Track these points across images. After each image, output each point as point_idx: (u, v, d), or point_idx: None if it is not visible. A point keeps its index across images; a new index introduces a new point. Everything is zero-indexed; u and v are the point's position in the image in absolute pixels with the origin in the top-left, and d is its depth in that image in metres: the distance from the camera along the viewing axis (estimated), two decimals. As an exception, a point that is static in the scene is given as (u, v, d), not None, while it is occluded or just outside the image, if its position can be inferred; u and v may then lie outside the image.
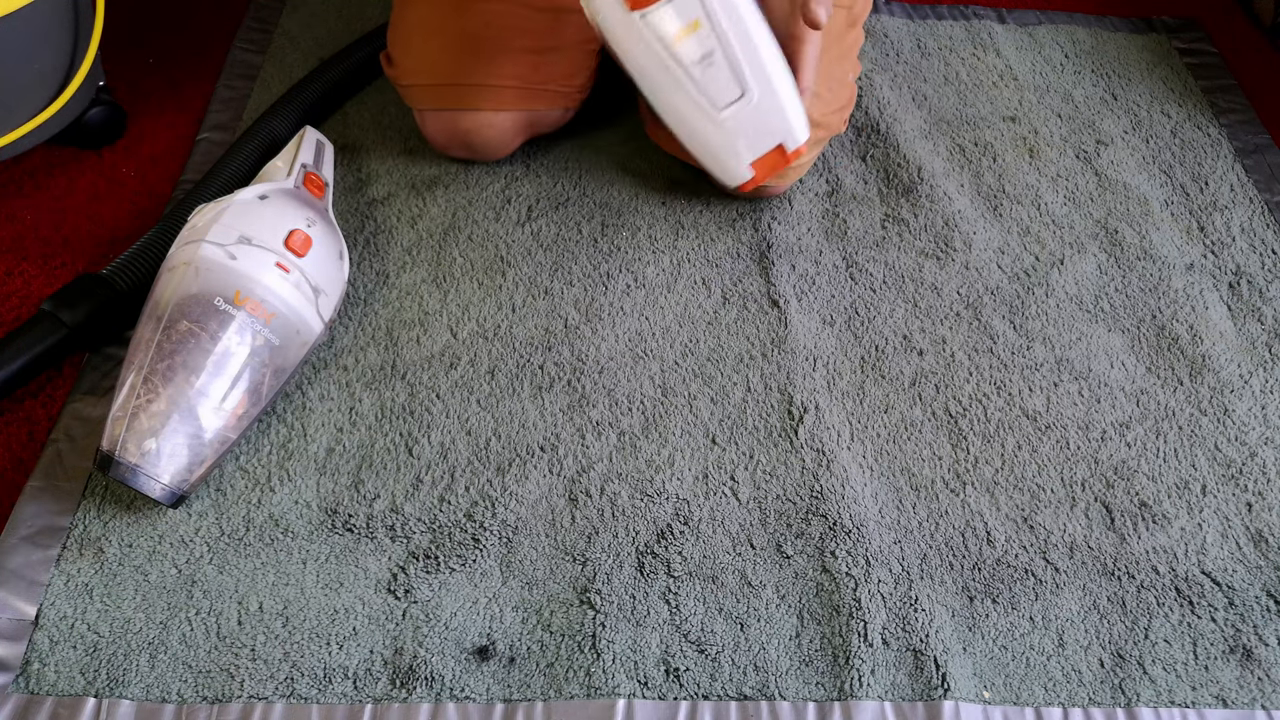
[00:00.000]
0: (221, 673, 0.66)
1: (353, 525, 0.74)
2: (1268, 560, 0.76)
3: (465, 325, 0.88)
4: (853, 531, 0.75)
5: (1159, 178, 1.06)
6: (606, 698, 0.67)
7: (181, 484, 0.71)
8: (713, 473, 0.79)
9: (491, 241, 0.95)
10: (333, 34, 1.16)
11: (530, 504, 0.76)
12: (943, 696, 0.67)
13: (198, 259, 0.74)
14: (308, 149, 0.89)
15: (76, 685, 0.65)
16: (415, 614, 0.70)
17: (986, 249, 0.97)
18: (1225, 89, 1.17)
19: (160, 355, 0.71)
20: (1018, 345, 0.89)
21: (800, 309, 0.91)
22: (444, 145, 0.99)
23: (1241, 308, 0.94)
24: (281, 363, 0.76)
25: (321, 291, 0.79)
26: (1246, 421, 0.85)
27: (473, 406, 0.82)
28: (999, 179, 1.05)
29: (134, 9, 1.18)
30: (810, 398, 0.84)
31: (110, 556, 0.71)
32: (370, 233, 0.95)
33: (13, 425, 0.80)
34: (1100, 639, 0.71)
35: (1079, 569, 0.75)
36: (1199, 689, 0.69)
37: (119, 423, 0.69)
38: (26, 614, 0.68)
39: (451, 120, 0.96)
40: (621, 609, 0.71)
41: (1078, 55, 1.21)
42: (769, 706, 0.67)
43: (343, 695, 0.66)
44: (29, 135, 0.90)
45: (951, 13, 1.26)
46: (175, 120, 1.06)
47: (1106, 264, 0.97)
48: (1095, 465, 0.81)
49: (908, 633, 0.70)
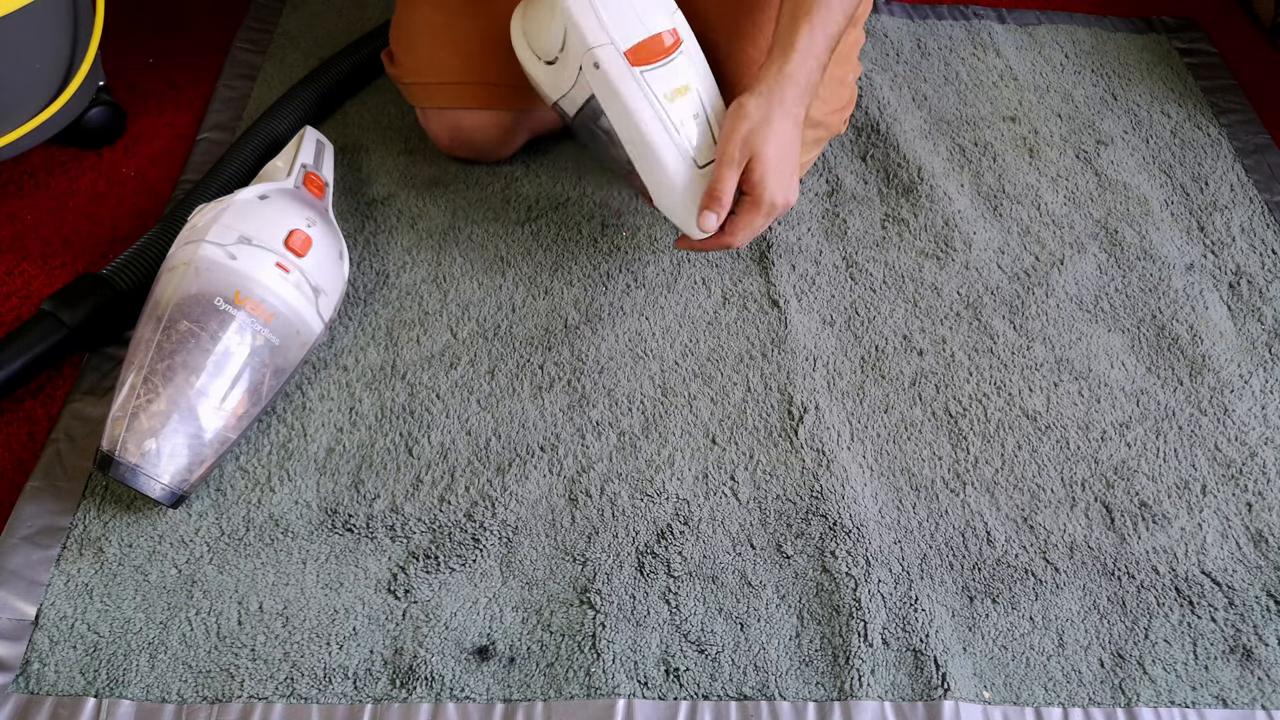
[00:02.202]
0: (221, 673, 0.66)
1: (353, 525, 0.74)
2: (1268, 560, 0.76)
3: (465, 325, 0.88)
4: (853, 531, 0.75)
5: (1159, 178, 1.06)
6: (606, 698, 0.67)
7: (181, 484, 0.71)
8: (713, 473, 0.79)
9: (491, 241, 0.95)
10: (333, 34, 1.16)
11: (530, 504, 0.76)
12: (943, 696, 0.67)
13: (198, 259, 0.74)
14: (308, 149, 0.89)
15: (76, 685, 0.65)
16: (415, 614, 0.70)
17: (986, 249, 0.97)
18: (1225, 89, 1.17)
19: (160, 355, 0.71)
20: (1018, 345, 0.89)
21: (800, 309, 0.91)
22: (446, 144, 0.99)
23: (1241, 308, 0.94)
24: (281, 363, 0.76)
25: (321, 291, 0.79)
26: (1246, 421, 0.85)
27: (473, 406, 0.82)
28: (999, 179, 1.05)
29: (134, 9, 1.18)
30: (810, 398, 0.84)
31: (110, 556, 0.71)
32: (370, 233, 0.95)
33: (13, 425, 0.80)
34: (1100, 639, 0.71)
35: (1079, 569, 0.75)
36: (1199, 689, 0.69)
37: (119, 423, 0.69)
38: (26, 614, 0.68)
39: (455, 119, 0.96)
40: (621, 609, 0.71)
41: (1078, 55, 1.21)
42: (769, 706, 0.67)
43: (343, 695, 0.66)
44: (29, 135, 0.90)
45: (951, 13, 1.26)
46: (175, 120, 1.06)
47: (1106, 264, 0.97)
48: (1095, 465, 0.81)
49: (908, 633, 0.70)
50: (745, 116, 0.77)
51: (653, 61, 0.78)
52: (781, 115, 0.77)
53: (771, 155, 0.77)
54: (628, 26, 0.77)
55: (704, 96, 0.80)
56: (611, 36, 0.77)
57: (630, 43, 0.77)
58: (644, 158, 0.79)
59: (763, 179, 0.77)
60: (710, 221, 0.79)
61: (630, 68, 0.77)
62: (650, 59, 0.77)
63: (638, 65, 0.77)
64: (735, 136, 0.77)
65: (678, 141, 0.78)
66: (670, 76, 0.78)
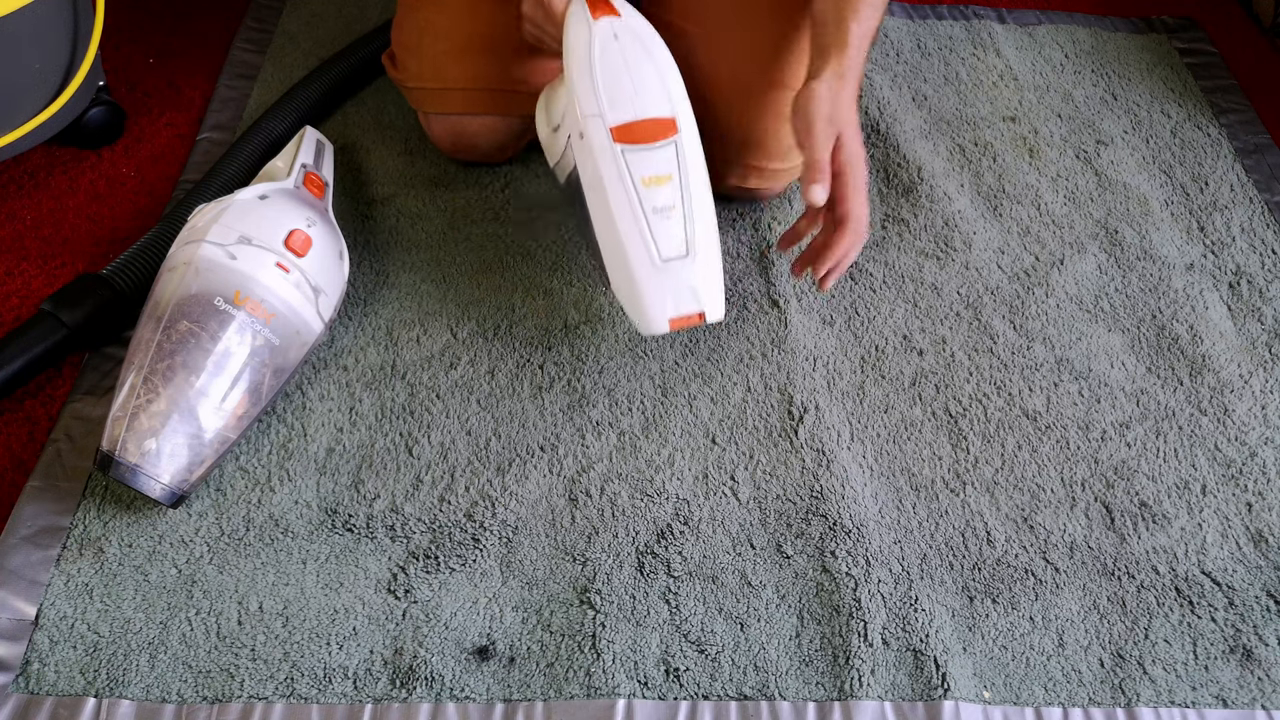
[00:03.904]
0: (221, 673, 0.66)
1: (353, 525, 0.74)
2: (1268, 560, 0.76)
3: (465, 325, 0.88)
4: (853, 531, 0.75)
5: (1159, 178, 1.06)
6: (606, 698, 0.67)
7: (181, 484, 0.71)
8: (713, 473, 0.79)
9: (491, 241, 0.95)
10: (333, 34, 1.16)
11: (530, 504, 0.76)
12: (943, 696, 0.67)
13: (198, 259, 0.74)
14: (308, 149, 0.89)
15: (76, 685, 0.65)
16: (415, 614, 0.70)
17: (986, 249, 0.97)
18: (1225, 89, 1.17)
19: (160, 355, 0.71)
20: (1018, 345, 0.89)
21: (800, 309, 0.91)
22: (449, 147, 0.99)
23: (1241, 308, 0.94)
24: (281, 363, 0.76)
25: (321, 291, 0.79)
26: (1246, 421, 0.85)
27: (473, 406, 0.82)
28: (999, 179, 1.05)
29: (134, 9, 1.18)
30: (810, 398, 0.84)
31: (110, 556, 0.71)
32: (370, 233, 0.95)
33: (13, 425, 0.80)
34: (1100, 639, 0.71)
35: (1079, 569, 0.75)
36: (1199, 689, 0.69)
37: (119, 423, 0.69)
38: (26, 614, 0.68)
39: (458, 124, 0.95)
40: (621, 609, 0.71)
41: (1078, 55, 1.21)
42: (769, 706, 0.67)
43: (343, 695, 0.66)
44: (29, 135, 0.90)
45: (951, 13, 1.26)
46: (175, 120, 1.06)
47: (1106, 264, 0.97)
48: (1095, 465, 0.81)
49: (908, 633, 0.70)
50: (822, 98, 0.75)
51: (638, 143, 0.76)
52: (848, 102, 0.76)
53: (851, 133, 0.76)
54: (622, 105, 0.77)
55: (688, 192, 0.77)
56: (603, 110, 0.76)
57: (619, 120, 0.76)
58: (604, 234, 0.78)
59: (851, 156, 0.76)
60: (818, 193, 0.75)
61: (613, 143, 0.76)
62: (636, 140, 0.76)
63: (621, 143, 0.76)
64: (821, 114, 0.74)
65: (641, 227, 0.76)
66: (654, 163, 0.77)
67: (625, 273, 0.77)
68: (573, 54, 0.78)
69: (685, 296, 0.76)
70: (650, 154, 0.76)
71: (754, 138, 0.90)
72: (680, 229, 0.76)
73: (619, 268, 0.77)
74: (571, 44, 0.79)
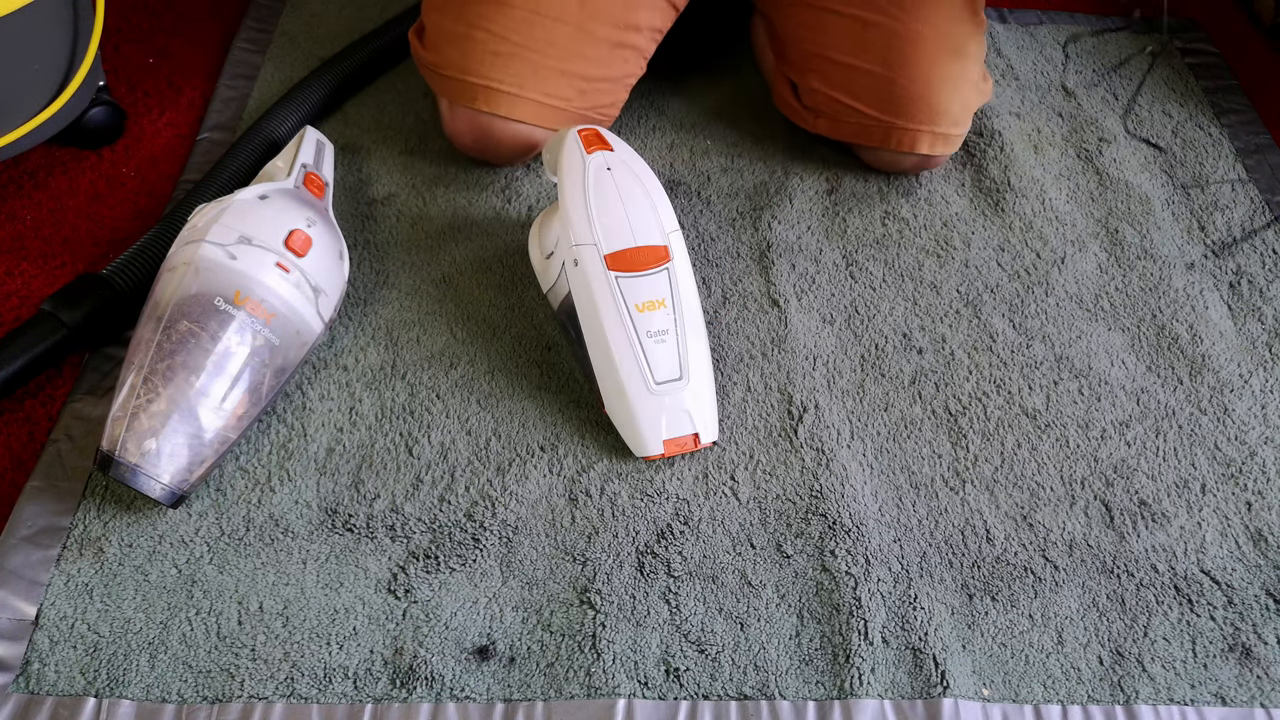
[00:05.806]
0: (221, 673, 0.66)
1: (353, 525, 0.74)
2: (1267, 559, 0.76)
3: (465, 325, 0.88)
4: (852, 530, 0.75)
5: (1160, 177, 1.06)
6: (606, 698, 0.67)
7: (181, 484, 0.71)
8: (712, 472, 0.79)
9: (492, 241, 0.95)
10: (333, 34, 1.16)
11: (530, 504, 0.76)
12: (942, 694, 0.67)
13: (198, 259, 0.74)
14: (308, 149, 0.89)
15: (76, 685, 0.65)
16: (415, 614, 0.70)
17: (986, 247, 0.97)
18: (1225, 89, 1.17)
19: (160, 355, 0.71)
20: (1017, 343, 0.89)
21: (800, 308, 0.91)
22: (468, 144, 0.96)
23: (1241, 307, 0.94)
24: (281, 363, 0.76)
25: (321, 291, 0.79)
26: (1246, 421, 0.85)
27: (473, 406, 0.82)
28: (999, 177, 1.04)
29: (134, 9, 1.18)
30: (810, 397, 0.84)
31: (110, 556, 0.71)
32: (370, 233, 0.95)
33: (13, 425, 0.80)
34: (1099, 637, 0.71)
35: (1078, 567, 0.75)
36: (1198, 687, 0.69)
37: (119, 423, 0.69)
38: (26, 614, 0.68)
39: (487, 125, 0.93)
40: (621, 609, 0.71)
41: (1079, 55, 1.21)
42: (769, 706, 0.67)
43: (343, 695, 0.66)
44: (29, 135, 0.90)
45: (951, 12, 1.26)
46: (175, 120, 1.06)
47: (1107, 263, 0.97)
48: (1095, 464, 0.81)
49: (907, 631, 0.71)
50: None
51: (632, 270, 0.78)
52: None
53: None
54: (616, 234, 0.78)
55: (681, 317, 0.79)
56: (597, 238, 0.78)
57: (613, 248, 0.78)
58: (599, 359, 0.79)
59: None
60: None
61: (607, 271, 0.78)
62: (630, 268, 0.78)
63: (615, 270, 0.78)
64: None
65: (635, 352, 0.77)
66: (647, 289, 0.78)
67: (620, 397, 0.78)
68: (567, 185, 0.81)
69: (680, 419, 0.78)
70: (644, 281, 0.78)
71: (940, 105, 0.95)
72: (674, 353, 0.78)
73: (614, 392, 0.78)
74: (565, 176, 0.81)
